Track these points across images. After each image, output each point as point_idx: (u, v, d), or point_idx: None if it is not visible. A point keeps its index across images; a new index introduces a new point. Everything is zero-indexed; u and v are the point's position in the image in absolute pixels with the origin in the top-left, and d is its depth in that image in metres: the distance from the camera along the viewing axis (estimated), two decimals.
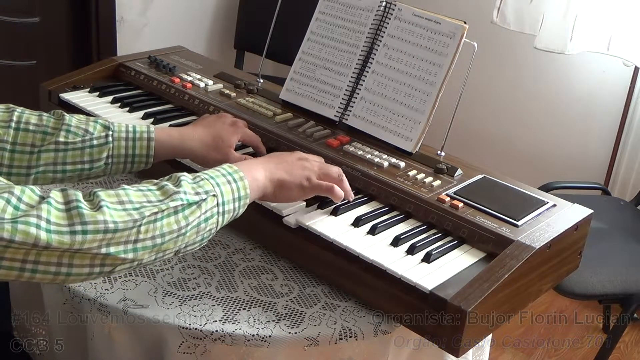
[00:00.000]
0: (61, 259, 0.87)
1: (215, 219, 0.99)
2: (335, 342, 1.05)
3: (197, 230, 0.97)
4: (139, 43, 2.80)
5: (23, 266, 0.85)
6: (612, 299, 1.92)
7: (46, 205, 0.86)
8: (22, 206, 0.84)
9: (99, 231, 0.87)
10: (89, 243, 0.87)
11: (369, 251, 1.08)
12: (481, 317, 0.99)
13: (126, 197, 0.92)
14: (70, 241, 0.85)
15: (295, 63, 1.49)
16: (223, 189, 1.00)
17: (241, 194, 1.02)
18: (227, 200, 1.00)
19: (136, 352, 1.09)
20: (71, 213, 0.87)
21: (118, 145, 1.17)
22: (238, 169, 1.04)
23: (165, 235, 0.93)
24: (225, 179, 1.01)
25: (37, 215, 0.84)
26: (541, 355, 2.39)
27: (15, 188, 0.86)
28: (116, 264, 0.91)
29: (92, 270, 0.89)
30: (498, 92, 2.93)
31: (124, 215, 0.90)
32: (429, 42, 1.34)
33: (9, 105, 1.16)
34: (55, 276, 0.88)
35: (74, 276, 0.89)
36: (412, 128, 1.33)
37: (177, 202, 0.94)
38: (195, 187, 0.97)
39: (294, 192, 1.12)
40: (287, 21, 1.68)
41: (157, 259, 0.95)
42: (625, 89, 2.60)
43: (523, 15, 2.54)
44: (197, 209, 0.96)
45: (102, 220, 0.87)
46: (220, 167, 1.04)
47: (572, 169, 2.78)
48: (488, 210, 1.16)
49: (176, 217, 0.94)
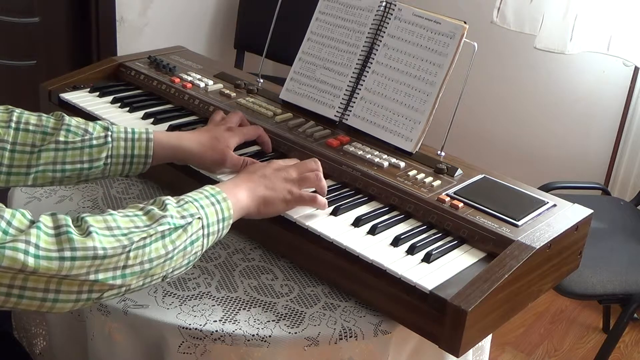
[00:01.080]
0: (48, 284, 0.86)
1: (200, 241, 0.99)
2: (335, 342, 1.05)
3: (184, 254, 0.97)
4: (139, 43, 2.80)
5: (9, 291, 0.85)
6: (612, 299, 1.92)
7: (35, 230, 0.85)
8: (11, 230, 0.84)
9: (87, 257, 0.87)
10: (77, 269, 0.86)
11: (369, 251, 1.08)
12: (481, 317, 0.99)
13: (114, 223, 0.92)
14: (58, 267, 0.85)
15: (295, 63, 1.49)
16: (207, 211, 1.00)
17: (225, 215, 1.03)
18: (212, 222, 1.01)
19: (136, 352, 1.09)
20: (60, 238, 0.86)
21: (117, 146, 1.18)
22: (220, 190, 1.05)
23: (154, 260, 0.93)
24: (209, 200, 1.02)
25: (25, 241, 0.84)
26: (541, 355, 2.39)
27: (5, 212, 0.85)
28: (104, 290, 0.90)
29: (79, 297, 0.89)
30: (498, 92, 2.93)
31: (113, 242, 0.89)
32: (429, 42, 1.34)
33: (7, 106, 1.16)
34: (42, 302, 0.87)
35: (61, 303, 0.88)
36: (412, 128, 1.33)
37: (164, 226, 0.94)
38: (180, 211, 0.97)
39: (278, 206, 1.13)
40: (287, 21, 1.67)
41: (144, 284, 0.95)
42: (625, 89, 2.59)
43: (523, 15, 2.54)
44: (183, 233, 0.96)
45: (92, 247, 0.87)
46: (203, 189, 1.04)
47: (572, 169, 2.78)
48: (488, 210, 1.16)
49: (163, 242, 0.94)
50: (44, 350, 1.27)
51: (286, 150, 1.35)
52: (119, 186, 1.40)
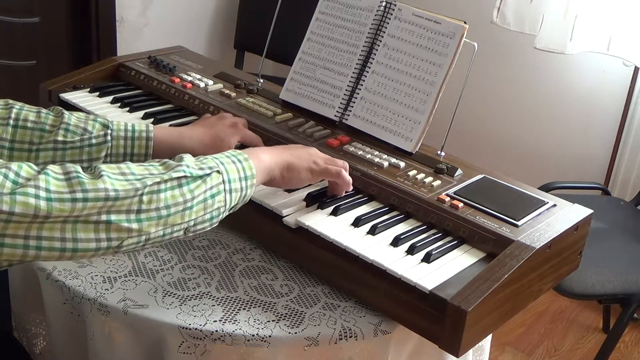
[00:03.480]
0: (64, 232, 0.86)
1: (222, 196, 0.99)
2: (335, 342, 1.05)
3: (204, 206, 0.97)
4: (139, 43, 2.80)
5: (27, 243, 0.85)
6: (612, 299, 1.92)
7: (44, 176, 0.86)
8: (20, 180, 0.84)
9: (99, 198, 0.87)
10: (89, 209, 0.86)
11: (369, 251, 1.08)
12: (481, 317, 0.99)
13: (128, 170, 0.93)
14: (70, 208, 0.85)
15: (295, 63, 1.50)
16: (228, 167, 1.01)
17: (247, 173, 1.03)
18: (233, 178, 1.00)
19: (136, 352, 1.09)
20: (71, 182, 0.87)
21: (117, 145, 1.18)
22: (242, 152, 1.05)
23: (171, 207, 0.93)
24: (230, 159, 1.02)
25: (35, 186, 0.84)
26: (541, 355, 2.39)
27: (12, 164, 0.86)
28: (122, 236, 0.90)
29: (99, 245, 0.89)
30: (498, 92, 2.93)
31: (126, 184, 0.90)
32: (429, 42, 1.34)
33: (7, 100, 1.16)
34: (62, 252, 0.87)
35: (81, 251, 0.88)
36: (412, 128, 1.33)
37: (179, 173, 0.95)
38: (198, 164, 0.98)
39: (303, 173, 1.13)
40: (287, 21, 1.67)
41: (165, 234, 0.94)
42: (625, 89, 2.60)
43: (523, 15, 2.54)
44: (202, 183, 0.96)
45: (103, 188, 0.88)
46: (224, 152, 1.05)
47: (572, 169, 2.78)
48: (488, 210, 1.16)
49: (181, 190, 0.94)
50: (44, 350, 1.27)
51: None
52: None
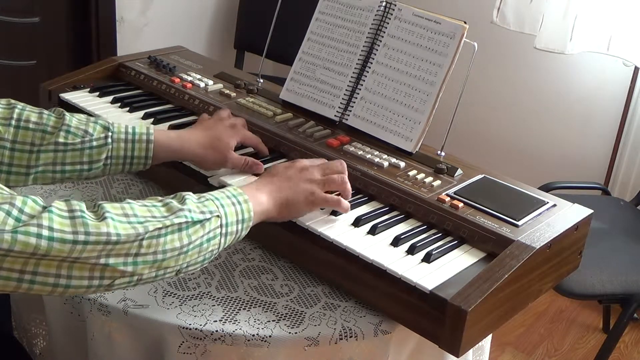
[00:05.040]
0: (60, 269, 0.86)
1: (217, 240, 0.99)
2: (335, 342, 1.05)
3: (199, 250, 0.97)
4: (139, 43, 2.80)
5: (21, 276, 0.85)
6: (612, 299, 1.92)
7: (48, 214, 0.85)
8: (23, 217, 0.84)
9: (100, 242, 0.87)
10: (89, 252, 0.87)
11: (369, 251, 1.08)
12: (481, 317, 0.99)
13: (131, 211, 0.92)
14: (69, 250, 0.85)
15: (296, 63, 1.49)
16: (227, 210, 1.00)
17: (245, 216, 1.02)
18: (231, 222, 1.00)
19: (136, 352, 1.09)
20: (75, 221, 0.86)
21: (117, 147, 1.18)
22: (242, 192, 1.04)
23: (167, 252, 0.93)
24: (230, 200, 1.02)
25: (37, 224, 0.84)
26: (541, 355, 2.39)
27: (16, 199, 0.85)
28: (115, 277, 0.90)
29: (91, 283, 0.89)
30: (498, 92, 2.93)
31: (128, 228, 0.89)
32: (429, 42, 1.34)
33: (9, 100, 1.16)
34: (54, 288, 0.87)
35: (73, 288, 0.88)
36: (412, 128, 1.33)
37: (181, 219, 0.94)
38: (199, 206, 0.97)
39: (301, 208, 1.12)
40: (287, 21, 1.68)
41: (157, 276, 0.95)
42: (625, 89, 2.59)
43: (523, 15, 2.54)
44: (200, 228, 0.96)
45: (105, 232, 0.87)
46: (225, 189, 1.04)
47: (572, 169, 2.78)
48: (488, 210, 1.16)
49: (179, 235, 0.94)
50: (44, 350, 1.27)
51: (286, 151, 1.35)
52: (119, 186, 1.40)
